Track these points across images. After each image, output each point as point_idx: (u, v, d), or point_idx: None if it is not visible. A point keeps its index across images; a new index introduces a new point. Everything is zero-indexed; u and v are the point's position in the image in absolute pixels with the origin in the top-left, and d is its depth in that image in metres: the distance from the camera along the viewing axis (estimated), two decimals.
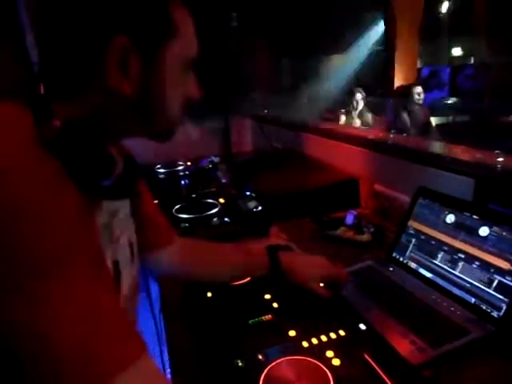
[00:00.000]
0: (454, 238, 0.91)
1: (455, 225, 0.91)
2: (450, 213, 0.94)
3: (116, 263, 0.57)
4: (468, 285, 0.84)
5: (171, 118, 0.56)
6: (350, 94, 3.57)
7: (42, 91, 0.50)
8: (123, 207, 0.62)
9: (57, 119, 0.45)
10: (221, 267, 0.86)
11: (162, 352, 0.94)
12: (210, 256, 0.86)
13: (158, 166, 2.12)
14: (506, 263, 0.79)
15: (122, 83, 0.48)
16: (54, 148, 0.43)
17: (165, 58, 0.51)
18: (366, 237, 1.18)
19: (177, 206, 1.39)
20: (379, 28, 4.96)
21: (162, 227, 0.81)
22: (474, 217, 0.88)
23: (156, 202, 0.82)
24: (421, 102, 2.83)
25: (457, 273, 0.87)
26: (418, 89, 2.85)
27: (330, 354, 0.67)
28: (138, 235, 0.69)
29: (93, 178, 0.47)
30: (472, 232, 0.87)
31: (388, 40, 3.22)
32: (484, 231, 0.85)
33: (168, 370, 0.79)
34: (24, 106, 0.46)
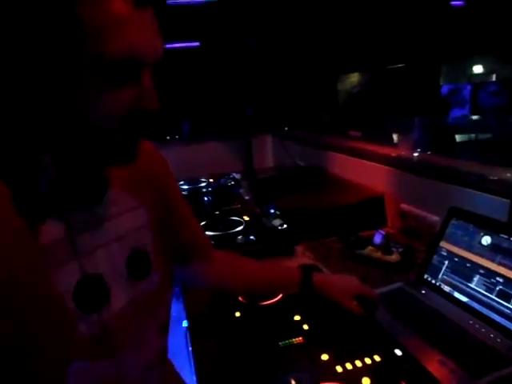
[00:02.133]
0: (491, 260, 0.87)
1: (492, 247, 0.88)
2: (485, 234, 0.91)
3: (88, 277, 0.52)
4: (508, 311, 0.80)
5: (108, 132, 0.48)
6: None
7: None
8: (122, 215, 0.59)
9: None
10: (255, 282, 0.86)
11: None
12: (245, 270, 0.86)
13: (181, 182, 2.14)
14: None
15: (30, 93, 0.45)
16: None
17: (75, 63, 0.44)
18: (394, 257, 1.15)
19: (202, 223, 1.39)
20: None
21: (199, 240, 0.81)
22: None
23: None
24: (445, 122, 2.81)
25: (495, 297, 0.84)
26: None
27: (366, 381, 0.65)
28: (169, 248, 0.69)
29: (17, 181, 0.47)
30: (511, 255, 0.84)
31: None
32: None
33: None
34: None
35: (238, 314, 0.89)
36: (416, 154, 1.60)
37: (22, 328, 0.47)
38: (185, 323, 1.11)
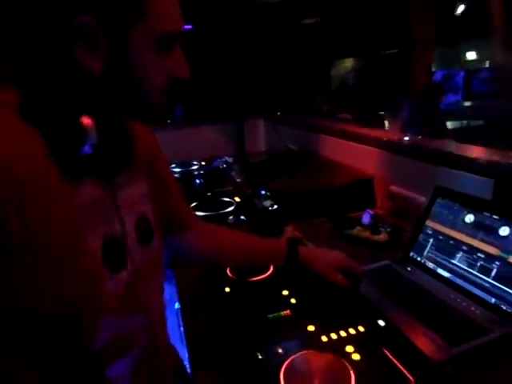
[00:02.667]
0: (473, 237, 0.90)
1: (474, 224, 0.91)
2: (469, 212, 0.93)
3: (113, 239, 0.57)
4: (487, 285, 0.83)
5: (152, 96, 0.55)
6: None
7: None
8: (132, 183, 0.64)
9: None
10: (242, 251, 0.89)
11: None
12: (233, 240, 0.90)
13: (173, 165, 2.14)
14: None
15: (92, 62, 0.50)
16: (31, 118, 0.48)
17: (135, 36, 0.50)
18: (382, 236, 1.17)
19: (193, 204, 1.40)
20: None
21: (186, 211, 0.85)
22: (494, 216, 0.87)
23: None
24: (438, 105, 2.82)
25: (476, 273, 0.87)
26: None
27: (349, 348, 0.67)
28: (162, 217, 0.72)
29: (61, 144, 0.49)
30: (492, 231, 0.86)
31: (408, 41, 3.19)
32: (504, 231, 0.84)
33: (187, 363, 0.81)
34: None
35: (227, 290, 0.91)
36: (406, 138, 1.62)
37: (60, 290, 0.49)
38: (177, 305, 1.13)
